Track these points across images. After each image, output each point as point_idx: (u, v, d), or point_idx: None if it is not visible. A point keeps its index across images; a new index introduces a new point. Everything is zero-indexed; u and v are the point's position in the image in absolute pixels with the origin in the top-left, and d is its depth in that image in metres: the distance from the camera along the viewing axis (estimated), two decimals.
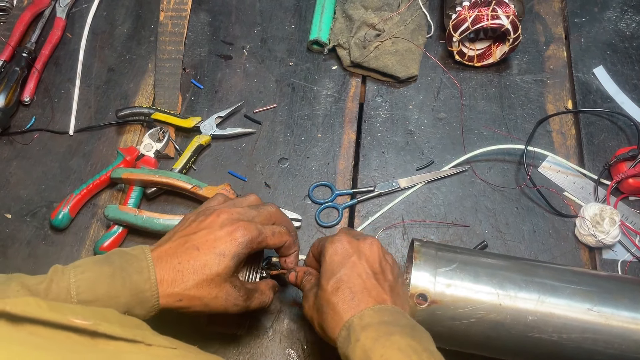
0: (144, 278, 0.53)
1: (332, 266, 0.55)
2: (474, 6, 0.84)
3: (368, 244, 0.57)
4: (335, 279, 0.54)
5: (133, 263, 0.54)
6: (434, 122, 0.87)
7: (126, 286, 0.52)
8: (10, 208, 0.79)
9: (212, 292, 0.55)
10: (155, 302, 0.54)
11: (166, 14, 0.95)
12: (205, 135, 0.83)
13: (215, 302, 0.56)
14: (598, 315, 0.59)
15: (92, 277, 0.52)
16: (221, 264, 0.55)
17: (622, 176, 0.77)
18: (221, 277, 0.55)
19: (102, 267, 0.53)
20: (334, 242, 0.57)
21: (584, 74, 0.90)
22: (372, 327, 0.50)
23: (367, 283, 0.54)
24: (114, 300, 0.52)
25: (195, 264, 0.55)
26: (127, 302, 0.52)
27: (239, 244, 0.56)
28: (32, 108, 0.88)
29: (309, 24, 0.94)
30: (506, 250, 0.76)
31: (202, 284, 0.55)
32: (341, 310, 0.53)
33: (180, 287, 0.54)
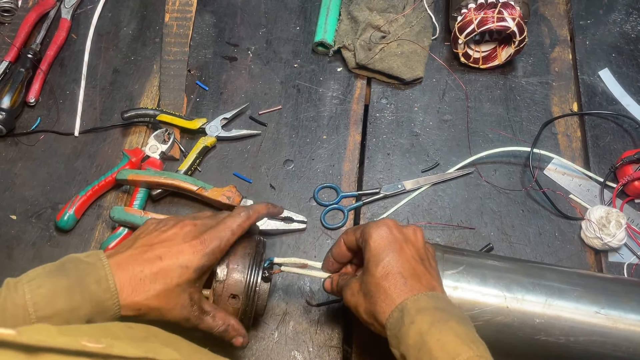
0: (102, 288, 0.52)
1: (378, 251, 0.55)
2: (480, 8, 0.84)
3: (412, 230, 0.57)
4: (383, 264, 0.54)
5: (90, 273, 0.52)
6: (440, 124, 0.87)
7: (85, 298, 0.51)
8: (15, 209, 0.79)
9: (170, 303, 0.55)
10: (116, 310, 0.53)
11: (171, 16, 0.95)
12: (210, 137, 0.83)
13: (170, 314, 0.56)
14: (605, 318, 0.59)
15: (48, 292, 0.50)
16: (183, 276, 0.55)
17: (628, 179, 0.77)
18: (181, 287, 0.55)
19: (58, 279, 0.51)
20: (379, 226, 0.56)
21: (590, 76, 0.90)
22: (427, 312, 0.50)
23: (417, 269, 0.54)
24: (74, 313, 0.50)
25: (157, 274, 0.54)
26: (87, 314, 0.51)
27: (202, 256, 0.56)
28: (38, 109, 0.88)
29: (314, 26, 0.94)
30: (512, 252, 0.76)
31: (162, 294, 0.54)
32: (393, 294, 0.52)
33: (140, 296, 0.53)
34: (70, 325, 0.43)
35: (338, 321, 0.71)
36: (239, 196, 0.77)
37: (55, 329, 0.40)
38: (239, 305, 0.61)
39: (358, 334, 0.70)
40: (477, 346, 0.48)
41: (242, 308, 0.61)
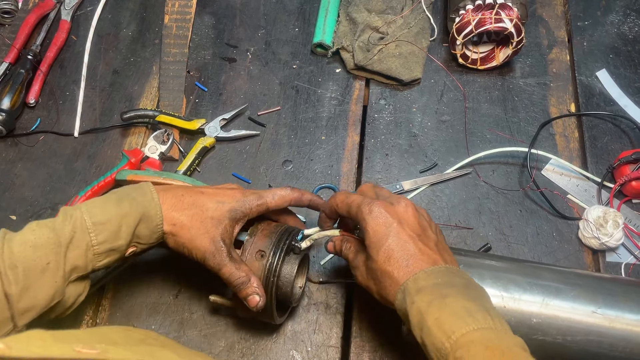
0: (147, 199, 0.59)
1: (377, 237, 0.57)
2: (478, 9, 0.84)
3: (403, 207, 0.58)
4: (384, 249, 0.56)
5: (136, 189, 0.60)
6: (438, 125, 0.87)
7: (133, 206, 0.58)
8: (15, 210, 0.79)
9: (201, 230, 0.60)
10: (159, 220, 0.59)
11: (171, 17, 0.96)
12: (209, 138, 0.83)
13: (199, 242, 0.59)
14: (602, 317, 0.59)
15: (100, 204, 0.58)
16: (217, 210, 0.61)
17: (625, 179, 0.78)
18: (215, 221, 0.60)
19: (109, 196, 0.60)
20: (372, 211, 0.58)
21: (587, 77, 0.91)
22: (426, 290, 0.52)
23: (416, 247, 0.56)
24: (124, 219, 0.57)
25: (196, 201, 0.61)
26: (135, 220, 0.57)
27: (239, 200, 0.62)
28: (37, 110, 0.88)
29: (312, 27, 0.94)
30: (510, 252, 0.76)
31: (196, 217, 0.60)
32: (396, 276, 0.55)
33: (177, 212, 0.60)
34: (65, 331, 0.44)
35: (336, 321, 0.71)
36: None
37: (50, 335, 0.40)
38: (265, 263, 0.62)
39: (356, 334, 0.71)
40: (474, 319, 0.48)
41: (267, 266, 0.61)
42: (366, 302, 0.73)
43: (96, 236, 0.56)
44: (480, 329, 0.48)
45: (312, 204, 0.68)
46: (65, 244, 0.54)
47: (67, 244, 0.55)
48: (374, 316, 0.71)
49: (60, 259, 0.54)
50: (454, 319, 0.49)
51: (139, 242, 0.59)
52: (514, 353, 0.46)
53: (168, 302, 0.72)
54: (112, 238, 0.57)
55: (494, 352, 0.45)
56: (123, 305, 0.72)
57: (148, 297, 0.72)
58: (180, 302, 0.72)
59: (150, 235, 0.59)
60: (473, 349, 0.46)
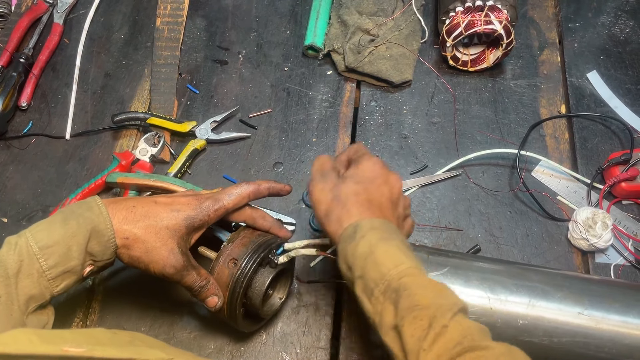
0: (95, 213, 0.56)
1: (364, 174, 0.60)
2: (467, 11, 0.85)
3: (395, 178, 0.61)
4: (362, 185, 0.58)
5: (82, 205, 0.57)
6: (428, 127, 0.87)
7: (80, 223, 0.55)
8: (6, 212, 0.79)
9: (156, 242, 0.57)
10: (110, 234, 0.56)
11: (162, 20, 0.96)
12: (200, 140, 0.84)
13: (156, 254, 0.57)
14: (589, 319, 0.59)
15: (46, 227, 0.54)
16: (172, 219, 0.58)
17: (614, 180, 0.78)
18: (169, 231, 0.58)
19: (54, 217, 0.56)
20: (372, 158, 0.61)
21: (578, 78, 0.91)
22: (378, 230, 0.55)
23: (385, 203, 0.59)
24: (73, 239, 0.54)
25: (149, 211, 0.58)
26: (85, 238, 0.54)
27: (195, 208, 0.60)
28: (29, 113, 0.88)
29: (304, 30, 0.95)
30: (499, 254, 0.76)
31: (150, 229, 0.57)
32: (355, 211, 0.57)
33: (129, 225, 0.57)
34: (51, 331, 0.44)
35: (326, 323, 0.71)
36: None
37: (37, 336, 0.40)
38: (235, 272, 0.60)
39: (346, 336, 0.71)
40: (416, 262, 0.53)
41: (237, 275, 0.60)
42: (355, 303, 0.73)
43: (45, 261, 0.53)
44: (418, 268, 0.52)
45: (271, 191, 0.66)
46: (14, 274, 0.52)
47: (16, 274, 0.52)
48: (363, 318, 0.71)
49: (11, 291, 0.51)
50: (401, 255, 0.53)
51: (94, 259, 0.56)
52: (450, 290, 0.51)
53: (157, 305, 0.72)
54: (64, 260, 0.54)
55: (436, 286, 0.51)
56: (113, 307, 0.72)
57: (138, 299, 0.73)
58: (170, 304, 0.72)
59: (103, 251, 0.56)
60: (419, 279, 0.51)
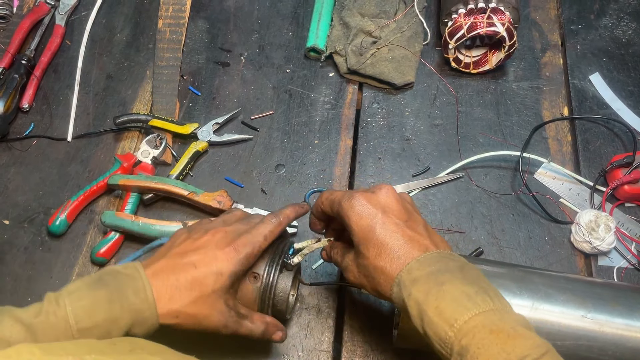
0: (141, 298, 0.53)
1: (364, 232, 0.54)
2: (470, 13, 0.85)
3: (384, 194, 0.56)
4: (373, 244, 0.54)
5: (129, 283, 0.54)
6: (430, 129, 0.87)
7: (125, 308, 0.52)
8: (8, 214, 0.79)
9: (207, 310, 0.56)
10: (154, 320, 0.54)
11: (164, 22, 0.96)
12: (202, 142, 0.84)
13: (208, 321, 0.56)
14: (592, 322, 0.59)
15: (89, 304, 0.51)
16: (218, 282, 0.56)
17: (617, 183, 0.78)
18: (217, 294, 0.56)
19: (98, 291, 0.52)
20: (353, 205, 0.55)
21: (580, 80, 0.91)
22: (421, 280, 0.50)
23: (404, 236, 0.53)
24: (114, 324, 0.52)
25: (193, 282, 0.55)
26: (127, 324, 0.52)
27: (236, 263, 0.57)
28: (31, 115, 0.88)
29: (306, 32, 0.95)
30: (502, 256, 0.76)
31: (198, 301, 0.55)
32: (389, 271, 0.53)
33: (177, 304, 0.54)
34: (53, 344, 0.43)
35: (328, 325, 0.71)
36: (230, 201, 0.77)
37: (39, 349, 0.39)
38: (260, 286, 0.60)
39: (348, 338, 0.71)
40: (474, 303, 0.47)
41: (262, 289, 0.60)
42: (357, 306, 0.73)
43: None
44: (481, 312, 0.46)
45: (298, 215, 0.65)
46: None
47: None
48: (365, 320, 0.71)
49: None
50: (454, 306, 0.47)
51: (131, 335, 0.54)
52: (518, 333, 0.45)
53: None
54: None
55: (499, 336, 0.44)
56: None
57: None
58: None
59: (145, 333, 0.54)
60: (478, 335, 0.45)
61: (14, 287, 0.74)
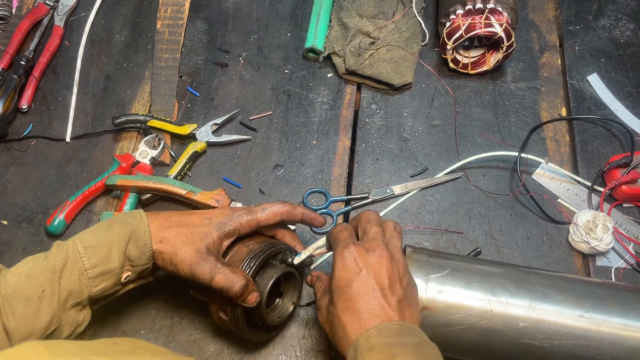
0: (136, 220, 0.61)
1: (341, 282, 0.55)
2: (468, 14, 0.85)
3: (377, 257, 0.56)
4: (344, 298, 0.55)
5: (127, 214, 0.62)
6: (428, 129, 0.87)
7: (123, 227, 0.59)
8: (6, 214, 0.79)
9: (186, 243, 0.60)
10: (147, 239, 0.60)
11: (163, 22, 0.96)
12: (200, 142, 0.84)
13: (183, 254, 0.60)
14: (589, 321, 0.59)
15: (92, 229, 0.60)
16: (204, 225, 0.62)
17: (615, 183, 0.78)
18: (200, 235, 0.61)
19: (101, 222, 0.62)
20: (344, 255, 0.56)
21: (578, 81, 0.91)
22: (376, 349, 0.51)
23: (375, 301, 0.54)
24: (114, 242, 0.58)
25: (184, 220, 0.62)
26: (125, 241, 0.59)
27: (227, 215, 0.63)
28: (30, 115, 0.88)
29: (304, 32, 0.95)
30: (500, 256, 0.76)
31: (182, 233, 0.61)
32: (349, 330, 0.53)
33: (165, 230, 0.61)
34: (57, 342, 0.44)
35: None
36: (228, 199, 0.77)
37: (45, 348, 0.40)
38: None
39: None
40: None
41: None
42: None
43: (88, 259, 0.57)
44: None
45: (305, 218, 0.67)
46: (59, 270, 0.56)
47: (61, 270, 0.56)
48: None
49: (55, 285, 0.55)
50: None
51: (132, 264, 0.60)
52: None
53: (157, 307, 0.72)
54: (104, 261, 0.58)
55: None
56: (113, 311, 0.72)
57: (138, 302, 0.72)
58: (170, 307, 0.72)
59: (140, 256, 0.60)
60: None
61: None
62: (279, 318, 0.67)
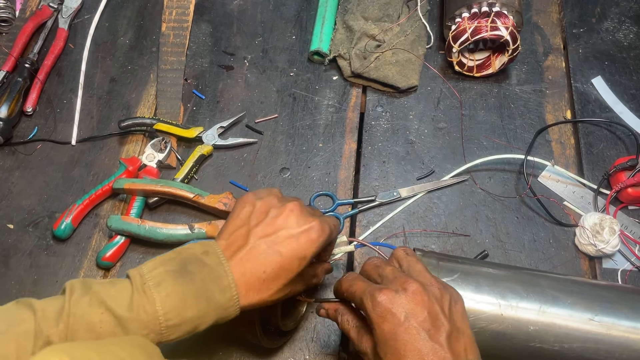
0: (227, 297, 0.54)
1: (385, 337, 0.51)
2: (474, 17, 0.85)
3: (410, 297, 0.52)
4: (392, 351, 0.51)
5: (214, 280, 0.54)
6: (434, 132, 0.87)
7: (211, 306, 0.53)
8: (12, 218, 0.79)
9: (288, 289, 0.58)
10: (235, 314, 0.55)
11: (168, 25, 0.96)
12: (207, 145, 0.84)
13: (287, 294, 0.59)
14: (599, 325, 0.59)
15: (177, 301, 0.52)
16: (301, 266, 0.57)
17: (621, 186, 0.78)
18: (300, 275, 0.58)
19: (186, 286, 0.52)
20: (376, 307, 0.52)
21: (583, 84, 0.91)
22: None
23: (424, 347, 0.50)
24: (200, 320, 0.53)
25: (280, 270, 0.56)
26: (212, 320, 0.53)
27: (317, 245, 0.57)
28: (35, 118, 0.88)
29: (309, 35, 0.95)
30: (507, 259, 0.76)
31: (283, 287, 0.57)
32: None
33: (265, 294, 0.56)
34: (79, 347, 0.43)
35: (335, 329, 0.71)
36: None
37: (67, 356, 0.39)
38: None
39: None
40: None
41: None
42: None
43: (168, 336, 0.52)
44: None
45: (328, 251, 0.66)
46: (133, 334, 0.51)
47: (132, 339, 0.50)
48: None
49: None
50: None
51: None
52: None
53: None
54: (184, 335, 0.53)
55: None
56: None
57: None
58: None
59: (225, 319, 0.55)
60: None
61: (18, 291, 0.73)
62: (293, 322, 0.67)
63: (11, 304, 0.51)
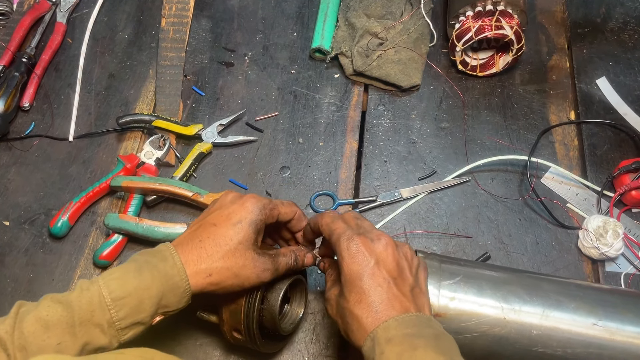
0: (169, 264, 0.55)
1: (351, 276, 0.54)
2: (478, 16, 0.84)
3: (383, 247, 0.55)
4: (356, 291, 0.54)
5: (156, 255, 0.56)
6: (437, 132, 0.86)
7: (155, 276, 0.54)
8: (8, 215, 0.78)
9: (239, 261, 0.57)
10: (185, 285, 0.55)
11: (168, 20, 0.95)
12: (206, 143, 0.83)
13: (245, 271, 0.57)
14: (603, 330, 0.58)
15: (119, 275, 0.54)
16: (240, 232, 0.57)
17: (625, 188, 0.77)
18: (243, 245, 0.57)
19: (128, 265, 0.55)
20: (350, 248, 0.55)
21: (587, 84, 0.90)
22: (396, 340, 0.50)
23: (389, 292, 0.53)
24: (146, 292, 0.53)
25: (216, 238, 0.57)
26: (159, 292, 0.54)
27: (252, 211, 0.59)
28: (32, 114, 0.87)
29: (311, 32, 0.94)
30: (509, 261, 0.75)
31: (227, 255, 0.57)
32: (365, 322, 0.53)
33: (206, 262, 0.56)
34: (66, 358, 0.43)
35: (334, 331, 0.70)
36: None
37: None
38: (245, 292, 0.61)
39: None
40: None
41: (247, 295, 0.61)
42: None
43: (117, 312, 0.52)
44: None
45: (300, 237, 0.66)
46: (82, 322, 0.52)
47: (84, 324, 0.52)
48: None
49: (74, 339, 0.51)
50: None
51: (167, 310, 0.56)
52: None
53: None
54: (134, 312, 0.53)
55: None
56: None
57: None
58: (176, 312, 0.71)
59: (179, 301, 0.56)
60: None
61: (14, 289, 0.72)
62: (292, 325, 0.66)
63: None
